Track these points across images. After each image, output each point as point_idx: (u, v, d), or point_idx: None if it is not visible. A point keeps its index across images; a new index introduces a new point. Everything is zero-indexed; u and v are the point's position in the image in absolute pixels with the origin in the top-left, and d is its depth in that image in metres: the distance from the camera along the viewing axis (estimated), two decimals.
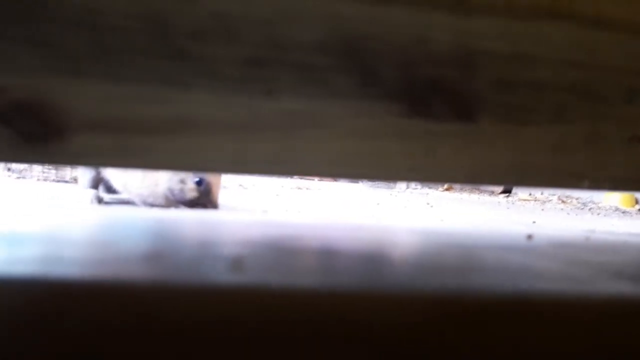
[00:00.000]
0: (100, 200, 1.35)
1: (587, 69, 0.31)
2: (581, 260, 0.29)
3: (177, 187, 1.24)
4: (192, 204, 1.23)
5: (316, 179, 3.93)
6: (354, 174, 0.29)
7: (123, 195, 1.36)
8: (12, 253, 0.24)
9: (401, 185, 3.32)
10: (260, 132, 0.27)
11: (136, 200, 1.30)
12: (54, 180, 1.90)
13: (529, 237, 0.33)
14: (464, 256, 0.30)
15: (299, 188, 3.03)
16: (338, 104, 0.28)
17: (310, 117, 0.27)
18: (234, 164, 0.27)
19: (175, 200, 1.23)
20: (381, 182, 3.61)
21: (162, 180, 1.25)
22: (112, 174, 1.35)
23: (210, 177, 1.27)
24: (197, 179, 1.25)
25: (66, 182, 1.87)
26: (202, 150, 0.26)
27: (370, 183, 3.57)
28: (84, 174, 1.39)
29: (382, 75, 0.28)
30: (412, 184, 3.21)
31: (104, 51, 0.24)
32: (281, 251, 0.30)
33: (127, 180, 1.29)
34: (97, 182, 1.39)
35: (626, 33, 0.31)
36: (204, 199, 1.25)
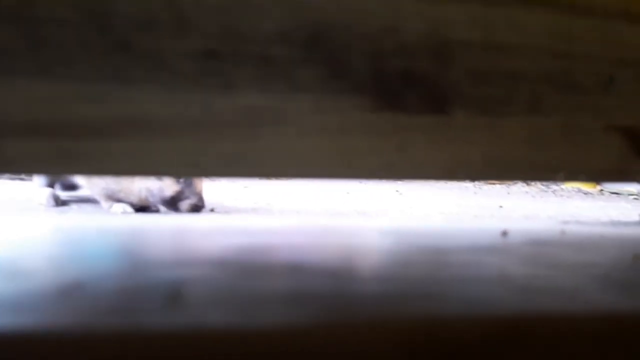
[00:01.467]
0: (57, 200, 1.27)
1: (564, 57, 0.30)
2: (563, 263, 0.27)
3: (154, 185, 1.16)
4: (175, 200, 1.16)
5: None
6: (322, 173, 0.26)
7: (84, 192, 1.29)
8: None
9: None
10: (218, 130, 0.24)
11: (99, 197, 1.24)
12: (8, 178, 1.81)
13: (504, 233, 0.32)
14: (438, 264, 0.29)
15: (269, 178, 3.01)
16: (303, 99, 0.25)
17: (272, 114, 0.25)
18: (190, 167, 0.24)
19: (155, 201, 1.16)
20: None
21: (138, 178, 1.18)
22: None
23: None
24: None
25: (22, 179, 1.78)
26: (154, 152, 0.24)
27: None
28: None
29: (349, 67, 0.26)
30: None
31: (37, 46, 0.22)
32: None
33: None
34: (53, 179, 1.32)
35: (603, 19, 0.29)
36: (188, 192, 1.18)
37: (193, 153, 0.24)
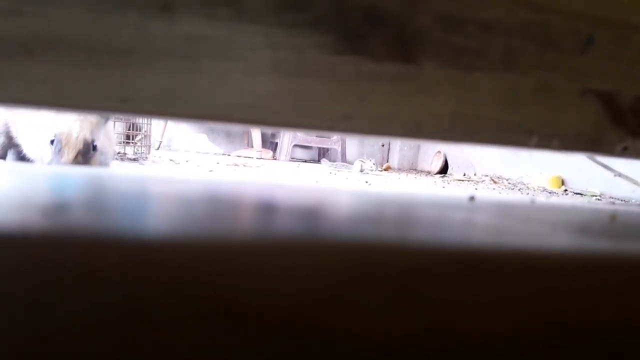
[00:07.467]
0: None
1: (541, 11, 0.27)
2: (532, 218, 0.25)
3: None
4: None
5: (254, 156, 3.80)
6: (273, 119, 0.24)
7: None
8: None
9: (356, 166, 3.23)
10: (152, 59, 0.21)
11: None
12: None
13: (472, 198, 0.29)
14: (406, 213, 0.26)
15: (236, 165, 2.94)
16: (254, 31, 0.22)
17: (217, 45, 0.22)
18: (118, 101, 0.21)
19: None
20: (339, 164, 3.52)
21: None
22: (25, 139, 1.20)
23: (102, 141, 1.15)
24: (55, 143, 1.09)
25: None
26: (74, 80, 0.20)
27: (329, 164, 3.48)
28: None
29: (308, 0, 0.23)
30: (368, 166, 3.15)
31: None
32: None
33: (42, 150, 1.16)
34: (5, 149, 1.25)
35: None
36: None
37: (121, 85, 0.21)
